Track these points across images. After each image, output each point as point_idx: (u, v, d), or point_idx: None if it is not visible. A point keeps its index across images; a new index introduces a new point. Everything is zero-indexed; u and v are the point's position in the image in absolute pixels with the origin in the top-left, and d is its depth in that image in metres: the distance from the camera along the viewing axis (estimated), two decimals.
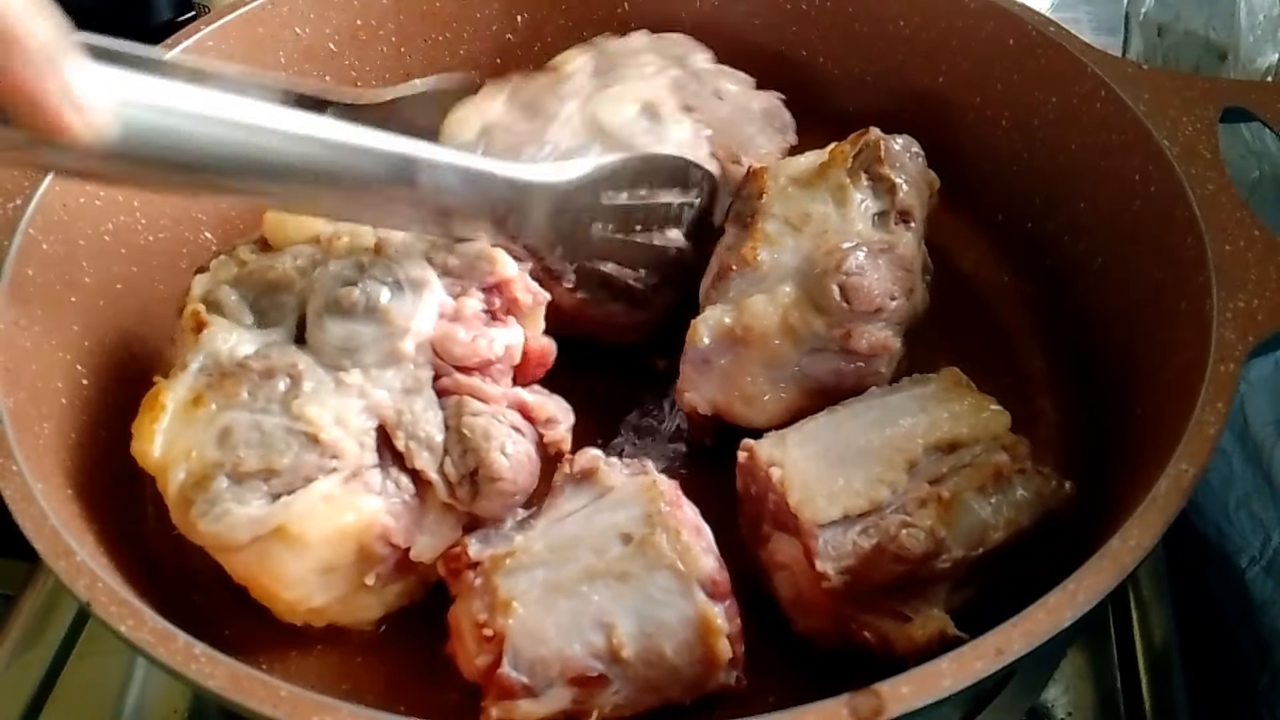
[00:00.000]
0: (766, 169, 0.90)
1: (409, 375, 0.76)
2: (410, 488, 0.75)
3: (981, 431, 0.76)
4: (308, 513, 0.71)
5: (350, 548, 0.73)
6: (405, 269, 0.77)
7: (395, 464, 0.75)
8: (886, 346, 0.81)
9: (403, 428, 0.74)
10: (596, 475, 0.76)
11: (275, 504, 0.71)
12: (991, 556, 0.72)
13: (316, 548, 0.72)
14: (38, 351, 0.80)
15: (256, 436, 0.71)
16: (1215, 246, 0.77)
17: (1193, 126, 0.85)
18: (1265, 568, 0.85)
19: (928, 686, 0.57)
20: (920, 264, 0.86)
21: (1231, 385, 0.70)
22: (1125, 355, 0.85)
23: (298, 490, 0.71)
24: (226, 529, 0.70)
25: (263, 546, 0.71)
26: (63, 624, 0.89)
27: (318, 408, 0.73)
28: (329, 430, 0.72)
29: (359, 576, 0.75)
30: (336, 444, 0.72)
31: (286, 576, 0.72)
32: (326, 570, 0.73)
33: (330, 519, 0.72)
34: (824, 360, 0.82)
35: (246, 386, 0.73)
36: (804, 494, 0.73)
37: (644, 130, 0.93)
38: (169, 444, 0.72)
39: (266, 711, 0.58)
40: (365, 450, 0.74)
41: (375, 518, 0.73)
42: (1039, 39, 0.96)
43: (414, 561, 0.76)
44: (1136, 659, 0.87)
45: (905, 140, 0.89)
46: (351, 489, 0.73)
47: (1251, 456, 0.87)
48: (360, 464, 0.73)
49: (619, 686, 0.69)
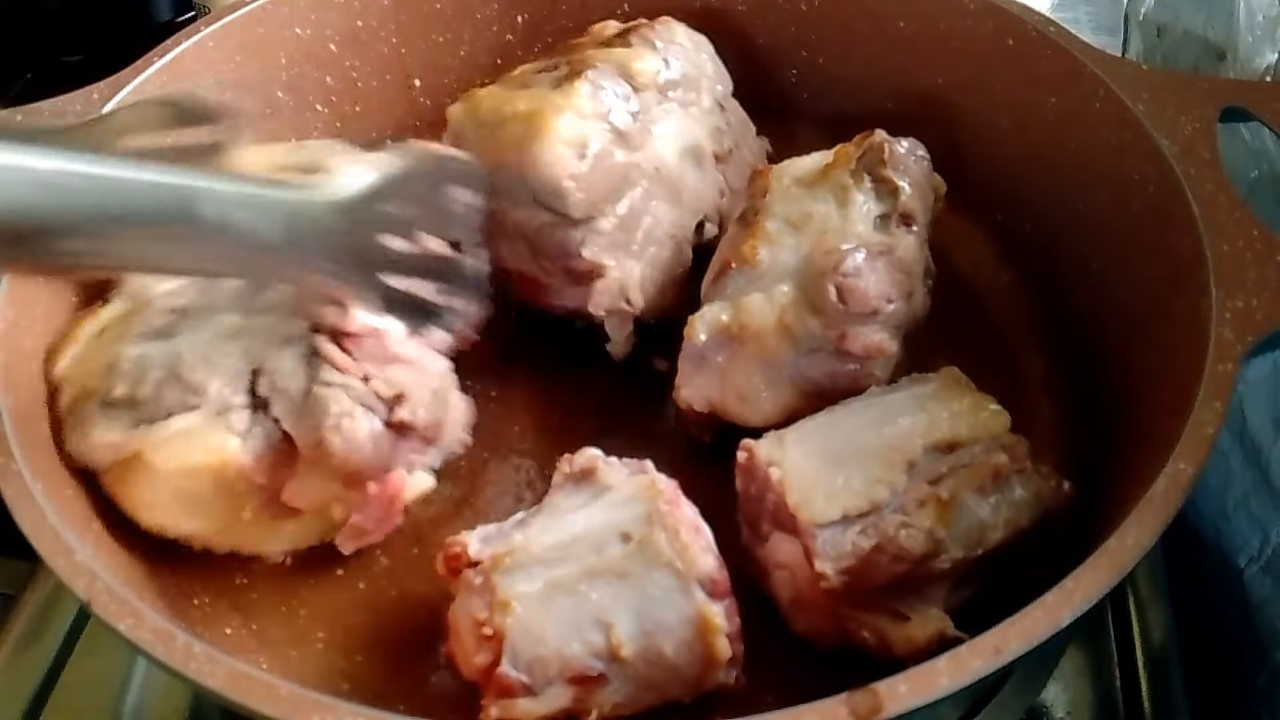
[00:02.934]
0: (771, 169, 0.90)
1: (287, 325, 0.78)
2: (277, 433, 0.77)
3: (981, 431, 0.76)
4: (162, 444, 0.75)
5: (207, 481, 0.76)
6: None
7: (264, 409, 0.77)
8: (881, 349, 0.81)
9: (267, 375, 0.77)
10: (596, 474, 0.75)
11: (134, 431, 0.75)
12: (990, 556, 0.72)
13: (170, 477, 0.75)
14: (38, 351, 0.81)
15: (131, 368, 0.76)
16: (1214, 246, 0.77)
17: (1192, 127, 0.85)
18: (1264, 567, 0.85)
19: (925, 685, 0.57)
20: (922, 268, 0.86)
21: (1229, 385, 0.70)
22: (1123, 355, 0.85)
23: (157, 422, 0.75)
24: (88, 449, 0.75)
25: (121, 470, 0.76)
26: (63, 624, 0.88)
27: (192, 347, 0.77)
28: (195, 369, 0.76)
29: (230, 510, 0.78)
30: (201, 383, 0.75)
31: (143, 501, 0.77)
32: (187, 500, 0.77)
33: (183, 452, 0.75)
34: (819, 361, 0.82)
35: (141, 322, 0.78)
36: (803, 494, 0.73)
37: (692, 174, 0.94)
38: (69, 367, 0.78)
39: (266, 711, 0.58)
40: (234, 392, 0.76)
41: (230, 456, 0.75)
42: (1039, 39, 0.96)
43: (292, 504, 0.78)
44: (1135, 658, 0.87)
45: (910, 143, 0.89)
46: (212, 426, 0.75)
47: (1250, 456, 0.87)
48: (226, 405, 0.76)
49: (618, 685, 0.69)
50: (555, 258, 0.90)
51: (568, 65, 0.91)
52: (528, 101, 0.88)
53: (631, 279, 0.91)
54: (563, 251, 0.89)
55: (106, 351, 0.78)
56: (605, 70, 0.90)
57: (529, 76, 0.93)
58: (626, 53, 0.93)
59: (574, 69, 0.90)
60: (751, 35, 1.12)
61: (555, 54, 0.96)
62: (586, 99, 0.88)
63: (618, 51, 0.93)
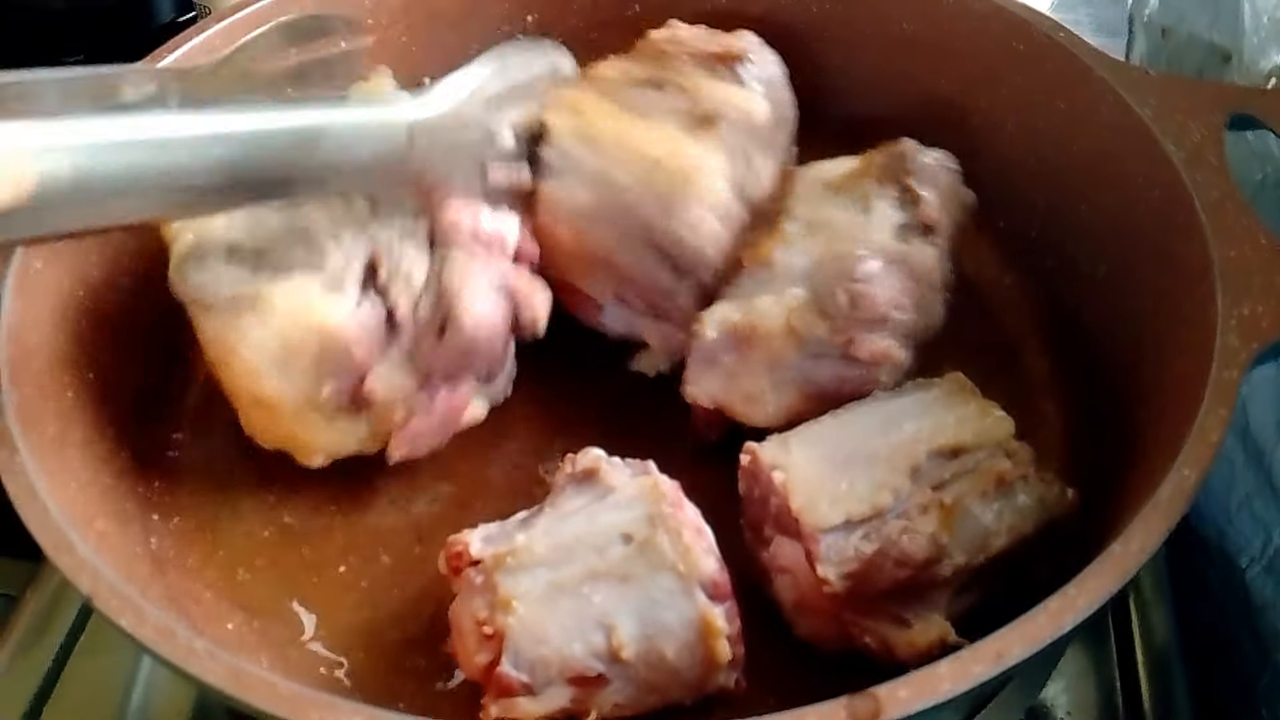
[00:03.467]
0: (797, 170, 0.90)
1: (410, 222, 0.82)
2: (383, 317, 0.80)
3: (985, 437, 0.76)
4: (287, 292, 0.77)
5: (312, 340, 0.77)
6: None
7: (377, 293, 0.80)
8: (889, 356, 0.81)
9: (390, 261, 0.80)
10: (599, 475, 0.75)
11: (258, 275, 0.78)
12: (994, 563, 0.72)
13: (281, 322, 0.77)
14: (44, 347, 0.81)
15: (258, 223, 0.79)
16: (1220, 253, 0.77)
17: (1199, 133, 0.85)
18: (1266, 568, 0.85)
19: (926, 689, 0.57)
20: (940, 279, 0.85)
21: (1234, 392, 0.70)
22: (1128, 360, 0.85)
23: (281, 272, 0.78)
24: (209, 282, 0.78)
25: (236, 309, 0.77)
26: (65, 625, 0.88)
27: (322, 215, 0.80)
28: (323, 237, 0.79)
29: (314, 380, 0.79)
30: (327, 251, 0.79)
31: (251, 342, 0.77)
32: (288, 354, 0.78)
33: (303, 304, 0.77)
34: (826, 365, 0.82)
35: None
36: (806, 498, 0.73)
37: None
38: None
39: (266, 708, 0.58)
40: (349, 269, 0.79)
41: (342, 321, 0.78)
42: (1046, 43, 0.96)
43: (366, 398, 0.80)
44: (1136, 659, 0.87)
45: (939, 154, 0.88)
46: (329, 293, 0.78)
47: (1253, 457, 0.87)
48: (345, 276, 0.79)
49: (619, 686, 0.69)
50: (651, 297, 0.88)
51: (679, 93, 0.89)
52: (661, 144, 0.86)
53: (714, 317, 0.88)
54: (666, 295, 0.87)
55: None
56: (735, 123, 0.88)
57: (633, 92, 0.89)
58: (743, 98, 0.90)
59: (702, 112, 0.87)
60: (762, 37, 1.11)
61: (645, 59, 0.92)
62: (726, 159, 0.86)
63: (734, 92, 0.90)
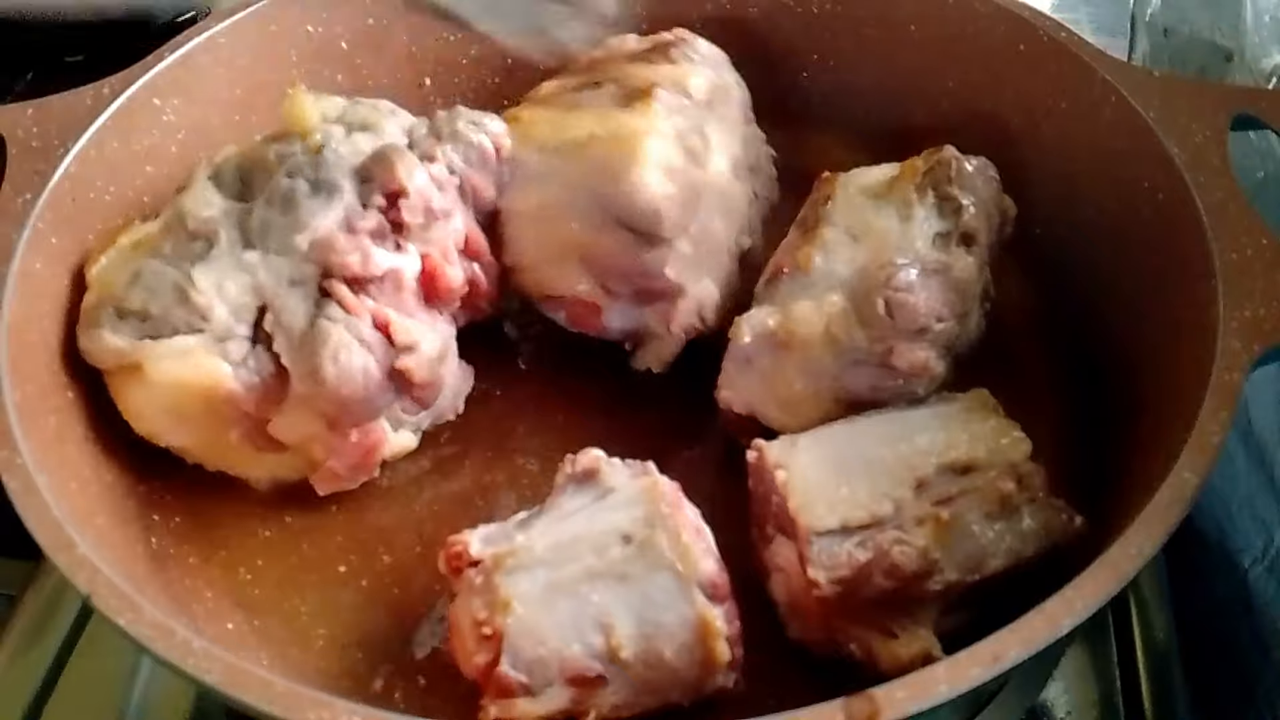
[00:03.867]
0: (838, 176, 0.89)
1: (298, 269, 0.82)
2: (270, 368, 0.82)
3: (998, 456, 0.75)
4: (162, 359, 0.80)
5: (197, 400, 0.81)
6: (327, 171, 0.83)
7: (264, 344, 0.82)
8: (927, 368, 0.80)
9: (273, 312, 0.81)
10: (598, 475, 0.75)
11: (139, 342, 0.80)
12: (989, 583, 0.71)
13: (164, 390, 0.80)
14: (45, 345, 0.81)
15: (150, 283, 0.81)
16: (1222, 255, 0.77)
17: (1202, 134, 0.84)
18: (1267, 568, 0.85)
19: (923, 691, 0.57)
20: (979, 290, 0.85)
21: (1236, 394, 0.69)
22: (1130, 362, 0.85)
23: (161, 338, 0.80)
24: (97, 350, 0.81)
25: (124, 375, 0.81)
26: (64, 624, 0.88)
27: (207, 273, 0.81)
28: (205, 294, 0.80)
29: (216, 431, 0.83)
30: (208, 308, 0.80)
31: (139, 408, 0.82)
32: (176, 414, 0.82)
33: (178, 370, 0.80)
34: (863, 374, 0.81)
35: (171, 241, 0.83)
36: (805, 499, 0.73)
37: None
38: (100, 273, 0.83)
39: (263, 707, 0.58)
40: (238, 323, 0.81)
41: (221, 381, 0.80)
42: (1050, 44, 0.95)
43: (276, 437, 0.83)
44: (1137, 658, 0.87)
45: (980, 163, 0.88)
46: (209, 351, 0.80)
47: (1255, 457, 0.87)
48: (228, 333, 0.81)
49: (617, 687, 0.69)
50: (631, 277, 0.89)
51: (614, 83, 0.91)
52: (601, 123, 0.87)
53: (708, 297, 0.90)
54: (642, 272, 0.88)
55: (134, 263, 0.82)
56: (670, 93, 0.89)
57: (569, 95, 0.92)
58: (676, 70, 0.92)
59: (634, 88, 0.90)
60: (763, 40, 1.11)
61: (581, 71, 0.95)
62: (664, 120, 0.87)
63: (666, 69, 0.92)
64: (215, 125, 0.99)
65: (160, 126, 0.95)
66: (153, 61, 0.94)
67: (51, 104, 0.90)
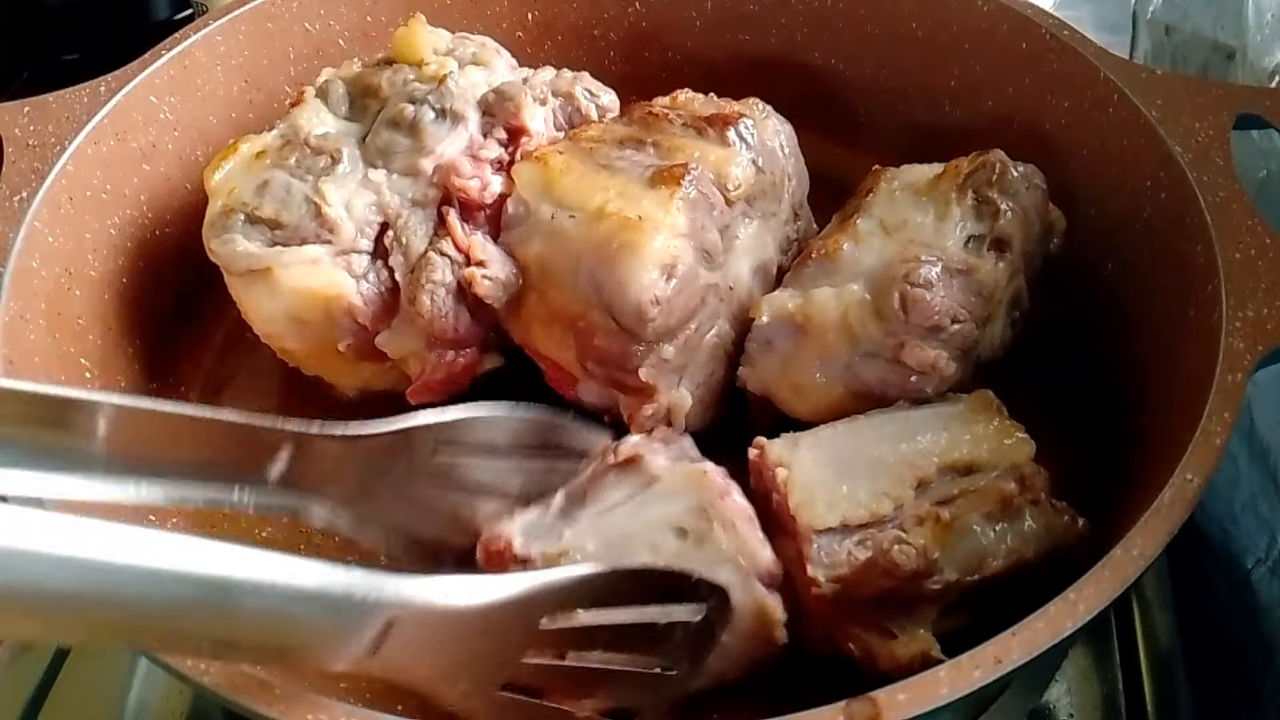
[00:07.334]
0: (885, 170, 0.89)
1: (421, 190, 0.86)
2: (389, 284, 0.86)
3: (1001, 458, 0.75)
4: (290, 264, 0.84)
5: (318, 308, 0.85)
6: (454, 101, 0.87)
7: (384, 260, 0.86)
8: (936, 366, 0.79)
9: (395, 230, 0.86)
10: (640, 464, 0.75)
11: (270, 248, 0.84)
12: (988, 584, 0.71)
13: (288, 295, 0.84)
14: (42, 344, 0.81)
15: (281, 194, 0.84)
16: (1225, 255, 0.76)
17: (1205, 134, 0.84)
18: (1271, 569, 0.85)
19: (925, 694, 0.57)
20: (1007, 297, 0.84)
21: (1239, 395, 0.69)
22: (1133, 362, 0.84)
23: (292, 246, 0.84)
24: (228, 254, 0.84)
25: (251, 278, 0.85)
26: None
27: (335, 188, 0.85)
28: (335, 209, 0.84)
29: (329, 338, 0.87)
30: (336, 222, 0.84)
31: (262, 310, 0.86)
32: (297, 320, 0.86)
33: (305, 277, 0.84)
34: (874, 366, 0.81)
35: (296, 155, 0.86)
36: (805, 497, 0.73)
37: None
38: (224, 179, 0.86)
39: (261, 710, 0.58)
40: (361, 237, 0.85)
41: (344, 291, 0.85)
42: (1052, 43, 0.95)
43: (383, 349, 0.87)
44: (1139, 660, 0.87)
45: (1027, 169, 0.87)
46: (335, 263, 0.85)
47: (1258, 457, 0.86)
48: (352, 246, 0.85)
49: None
50: (606, 364, 0.84)
51: (654, 149, 0.86)
52: (620, 198, 0.81)
53: (680, 406, 0.86)
54: (618, 365, 0.83)
55: (260, 173, 0.86)
56: (702, 178, 0.83)
57: (610, 151, 0.86)
58: (722, 156, 0.85)
59: (668, 168, 0.83)
60: (765, 36, 1.11)
61: (637, 120, 0.89)
62: (683, 215, 0.81)
63: (714, 153, 0.85)
64: (212, 123, 0.99)
65: (157, 124, 0.95)
66: (150, 59, 0.94)
67: (48, 102, 0.90)
